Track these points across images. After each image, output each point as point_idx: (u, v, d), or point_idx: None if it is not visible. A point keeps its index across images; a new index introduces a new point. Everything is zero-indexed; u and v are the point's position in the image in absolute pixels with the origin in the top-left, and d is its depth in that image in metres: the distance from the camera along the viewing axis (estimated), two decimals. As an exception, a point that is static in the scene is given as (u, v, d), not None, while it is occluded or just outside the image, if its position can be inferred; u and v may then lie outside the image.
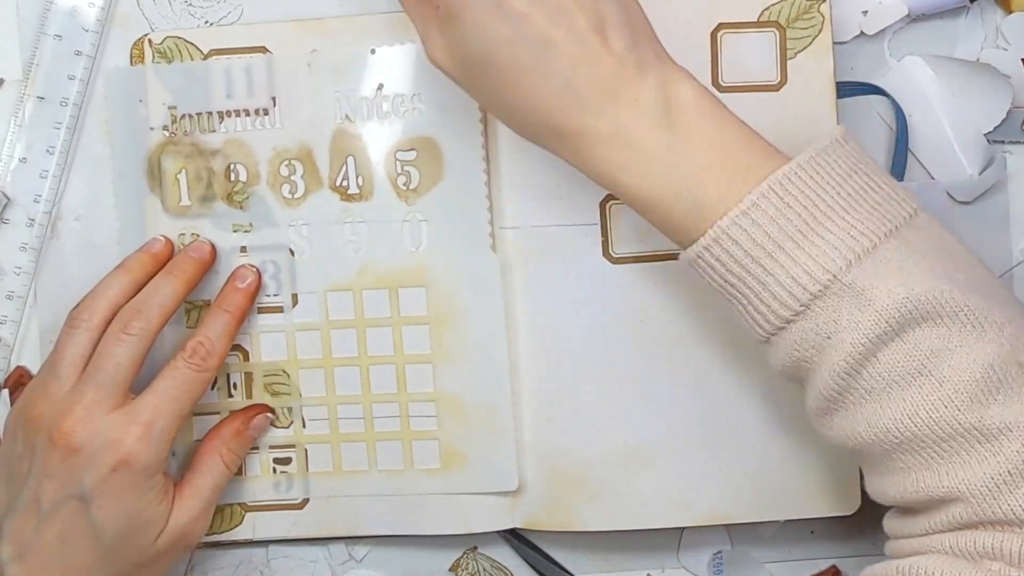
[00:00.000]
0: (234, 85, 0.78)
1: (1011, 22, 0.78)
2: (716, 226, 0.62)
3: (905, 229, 0.62)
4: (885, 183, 0.63)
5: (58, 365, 0.74)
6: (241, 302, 0.78)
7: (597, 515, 0.78)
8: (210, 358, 0.75)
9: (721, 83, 0.75)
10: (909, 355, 0.60)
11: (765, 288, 0.62)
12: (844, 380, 0.61)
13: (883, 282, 0.60)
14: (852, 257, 0.60)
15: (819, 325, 0.61)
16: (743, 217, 0.61)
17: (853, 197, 0.62)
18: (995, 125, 0.78)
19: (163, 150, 0.79)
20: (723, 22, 0.75)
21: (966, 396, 0.59)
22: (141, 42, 0.79)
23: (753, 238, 0.61)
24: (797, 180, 0.62)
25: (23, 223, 0.80)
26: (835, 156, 0.63)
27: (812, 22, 0.75)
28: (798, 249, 0.61)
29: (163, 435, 0.73)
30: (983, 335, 0.59)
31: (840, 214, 0.61)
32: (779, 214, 0.61)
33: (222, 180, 0.79)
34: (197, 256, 0.78)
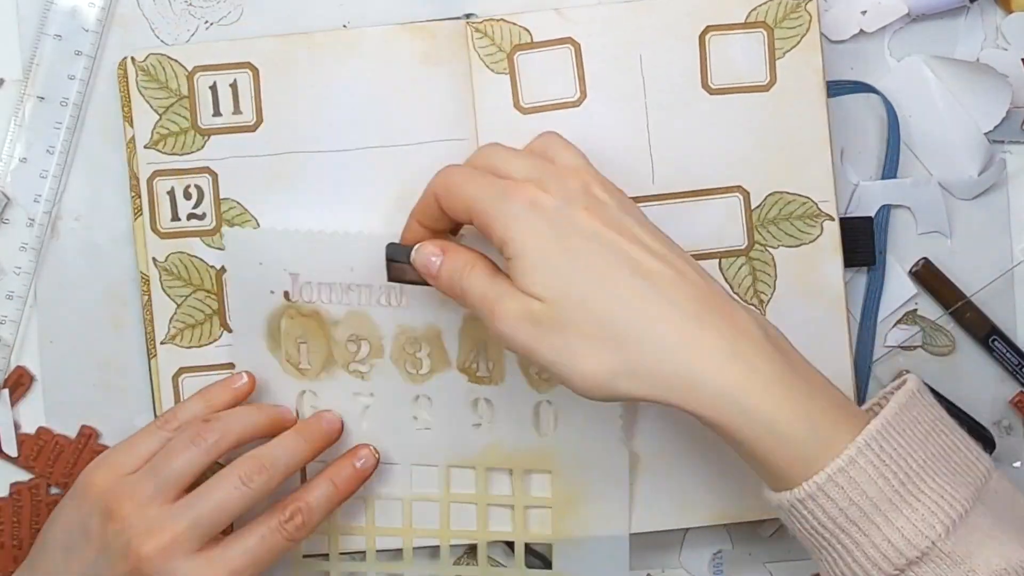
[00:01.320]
0: (358, 258, 0.77)
1: (1011, 22, 0.79)
2: (813, 480, 0.60)
3: (985, 491, 0.62)
4: (961, 440, 0.63)
5: (163, 472, 0.71)
6: (352, 482, 0.75)
7: (596, 519, 0.78)
8: (303, 529, 0.72)
9: (711, 85, 0.75)
10: None
11: (859, 548, 0.61)
12: None
13: (980, 551, 0.59)
14: (949, 524, 0.60)
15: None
16: (840, 474, 0.60)
17: (940, 458, 0.61)
18: (995, 125, 0.78)
19: (283, 314, 0.78)
20: (711, 24, 0.75)
21: None
22: (124, 63, 0.78)
23: (850, 496, 0.60)
24: (890, 437, 0.61)
25: (23, 223, 0.80)
26: (916, 410, 0.63)
27: (799, 21, 0.75)
28: (895, 511, 0.60)
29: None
30: None
31: (932, 475, 0.61)
32: (876, 473, 0.60)
33: (343, 350, 0.78)
34: (327, 428, 0.76)
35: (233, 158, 0.78)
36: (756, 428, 0.61)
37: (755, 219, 0.75)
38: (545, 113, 0.75)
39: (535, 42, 0.75)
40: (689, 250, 0.74)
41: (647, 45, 0.75)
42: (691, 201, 0.75)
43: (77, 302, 0.81)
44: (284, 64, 0.77)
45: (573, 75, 0.75)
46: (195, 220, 0.78)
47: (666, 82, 0.75)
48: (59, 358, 0.81)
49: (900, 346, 0.80)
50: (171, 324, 0.79)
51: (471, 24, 0.76)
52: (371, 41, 0.77)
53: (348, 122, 0.77)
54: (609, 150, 0.75)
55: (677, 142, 0.75)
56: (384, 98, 0.77)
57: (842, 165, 0.79)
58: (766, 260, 0.75)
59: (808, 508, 0.61)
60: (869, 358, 0.79)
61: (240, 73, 0.78)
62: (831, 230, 0.76)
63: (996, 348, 0.79)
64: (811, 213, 0.75)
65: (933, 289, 0.79)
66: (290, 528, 0.71)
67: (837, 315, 0.76)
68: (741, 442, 0.62)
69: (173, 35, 0.80)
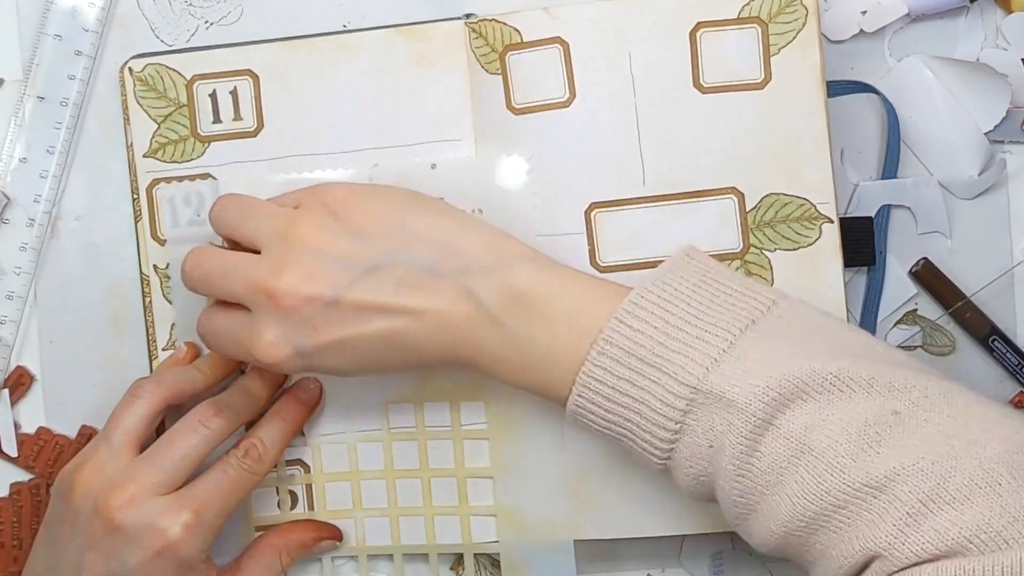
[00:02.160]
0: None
1: (1011, 22, 0.78)
2: (580, 374, 0.64)
3: (763, 321, 0.63)
4: (738, 285, 0.65)
5: (112, 434, 0.74)
6: (300, 414, 0.78)
7: (595, 524, 0.78)
8: (261, 463, 0.75)
9: (703, 84, 0.74)
10: (786, 439, 0.60)
11: (641, 416, 0.63)
12: (739, 482, 0.62)
13: (743, 379, 0.61)
14: (708, 363, 0.62)
15: (699, 438, 0.62)
16: (601, 356, 0.64)
17: (704, 305, 0.64)
18: (995, 125, 0.78)
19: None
20: (702, 20, 0.74)
21: (847, 459, 0.59)
22: (123, 70, 0.79)
23: (615, 373, 0.63)
24: (644, 303, 0.64)
25: (23, 223, 0.81)
26: (680, 272, 0.65)
27: (795, 15, 0.73)
28: (656, 371, 0.63)
29: (210, 527, 0.72)
30: (852, 396, 0.60)
31: (692, 323, 0.63)
32: (631, 343, 0.63)
33: None
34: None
35: (234, 164, 0.78)
36: (518, 388, 0.69)
37: (750, 221, 0.74)
38: (535, 114, 0.75)
39: (525, 42, 0.75)
40: (682, 253, 0.74)
41: (636, 43, 0.74)
42: (683, 203, 0.74)
43: (77, 302, 0.81)
44: (283, 69, 0.78)
45: (562, 75, 0.74)
46: (196, 227, 0.79)
47: (656, 81, 0.74)
48: (59, 358, 0.82)
49: (900, 346, 0.80)
50: (172, 331, 0.80)
51: (469, 24, 0.76)
52: (367, 45, 0.77)
53: (347, 125, 0.77)
54: (599, 151, 0.74)
55: (668, 142, 0.74)
56: (382, 100, 0.77)
57: (842, 165, 0.78)
58: (762, 264, 0.75)
59: (585, 406, 0.65)
60: (869, 359, 0.79)
61: (240, 80, 0.78)
62: (830, 233, 0.74)
63: (996, 348, 0.79)
64: (809, 215, 0.74)
65: (933, 289, 0.79)
66: (248, 462, 0.74)
67: (838, 319, 0.75)
68: (524, 390, 0.69)
69: (173, 35, 0.80)
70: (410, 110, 0.77)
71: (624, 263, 0.75)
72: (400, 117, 0.77)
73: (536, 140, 0.75)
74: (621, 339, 0.64)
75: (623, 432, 0.65)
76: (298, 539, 0.79)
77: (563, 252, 0.75)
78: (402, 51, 0.77)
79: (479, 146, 0.76)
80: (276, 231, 0.70)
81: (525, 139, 0.75)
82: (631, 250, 0.75)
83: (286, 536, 0.79)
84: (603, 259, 0.75)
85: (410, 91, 0.77)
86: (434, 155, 0.77)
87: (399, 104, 0.77)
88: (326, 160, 0.77)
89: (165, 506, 0.71)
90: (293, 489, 0.81)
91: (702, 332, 0.63)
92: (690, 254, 0.67)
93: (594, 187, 0.75)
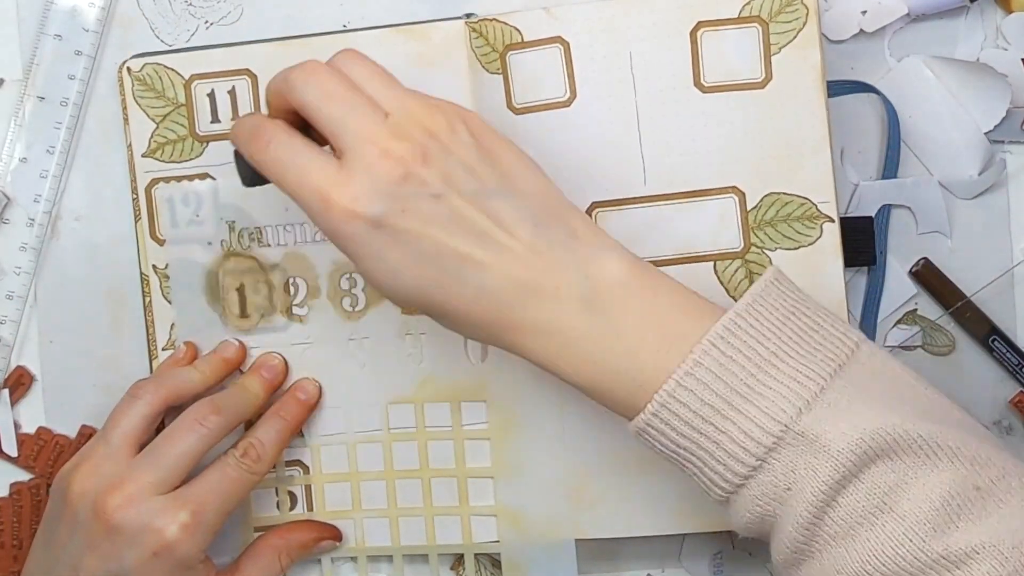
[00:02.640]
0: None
1: (1011, 22, 0.78)
2: (661, 391, 0.62)
3: (849, 366, 0.62)
4: (824, 319, 0.64)
5: (111, 434, 0.74)
6: (298, 414, 0.78)
7: (595, 523, 0.78)
8: (260, 462, 0.75)
9: (703, 83, 0.74)
10: (869, 495, 0.59)
11: (719, 447, 0.61)
12: (809, 530, 0.61)
13: (835, 426, 0.59)
14: (801, 404, 0.60)
15: (777, 478, 0.61)
16: (688, 378, 0.61)
17: (794, 340, 0.62)
18: (995, 125, 0.78)
19: (221, 265, 0.79)
20: (702, 20, 0.74)
21: (928, 527, 0.58)
22: (121, 69, 0.79)
23: (701, 398, 0.61)
24: (737, 331, 0.62)
25: (23, 223, 0.81)
26: (771, 300, 0.63)
27: (796, 15, 0.73)
28: (746, 403, 0.61)
29: (208, 527, 0.72)
30: (937, 463, 0.59)
31: (784, 359, 0.61)
32: (723, 369, 0.61)
33: (281, 294, 0.79)
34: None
35: (232, 164, 0.78)
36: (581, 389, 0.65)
37: (751, 221, 0.74)
38: (536, 114, 0.75)
39: (525, 41, 0.75)
40: (683, 253, 0.75)
41: (637, 43, 0.74)
42: (684, 202, 0.74)
43: (77, 302, 0.81)
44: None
45: (563, 75, 0.75)
46: (194, 227, 0.79)
47: (657, 81, 0.74)
48: (59, 358, 0.82)
49: (900, 346, 0.80)
50: (172, 331, 0.80)
51: (469, 24, 0.76)
52: (367, 45, 0.76)
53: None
54: (600, 151, 0.75)
55: (669, 142, 0.74)
56: (381, 101, 0.77)
57: (842, 165, 0.78)
58: (763, 263, 0.75)
59: (662, 420, 0.62)
60: (869, 359, 0.79)
61: (238, 80, 0.78)
62: (831, 232, 0.74)
63: (996, 348, 0.79)
64: (810, 215, 0.74)
65: (933, 289, 0.79)
66: (247, 461, 0.74)
67: (838, 319, 0.75)
68: (580, 386, 0.65)
69: (173, 35, 0.80)
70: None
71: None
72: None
73: (537, 140, 0.74)
74: (712, 363, 0.61)
75: (692, 459, 0.63)
76: (298, 540, 0.79)
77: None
78: (402, 51, 0.77)
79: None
80: (406, 109, 0.65)
81: (526, 139, 0.74)
82: (632, 249, 0.74)
83: (286, 537, 0.79)
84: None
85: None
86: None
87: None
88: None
89: (162, 506, 0.71)
90: (292, 490, 0.81)
91: (794, 371, 0.61)
92: (778, 279, 0.65)
93: (595, 186, 0.75)
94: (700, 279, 0.75)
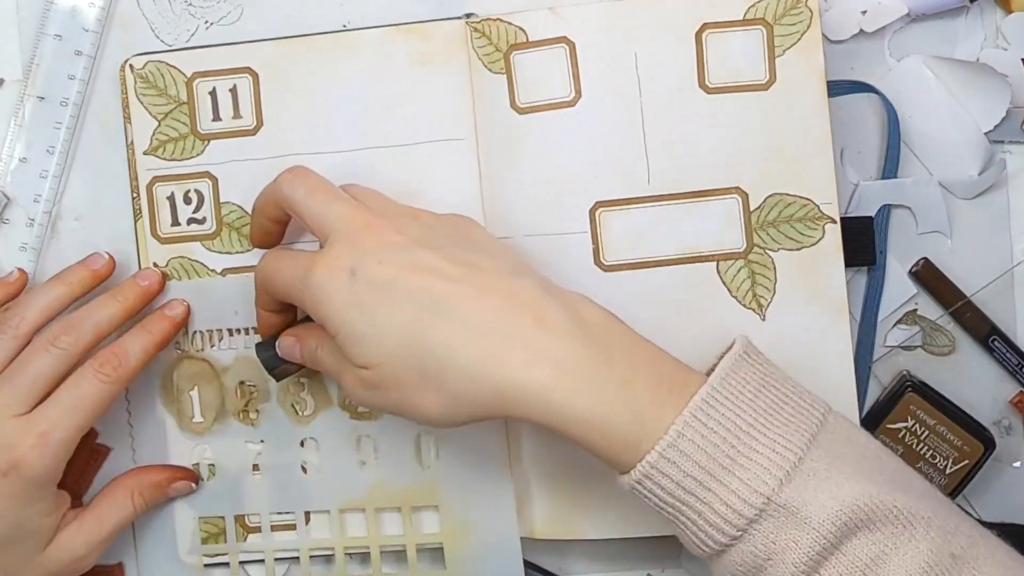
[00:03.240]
0: (243, 302, 0.79)
1: (1011, 22, 0.78)
2: (645, 461, 0.62)
3: (822, 434, 0.63)
4: (793, 391, 0.65)
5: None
6: (166, 328, 0.78)
7: (595, 524, 0.78)
8: (120, 369, 0.74)
9: (708, 85, 0.74)
10: (850, 567, 0.60)
11: (701, 516, 0.62)
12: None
13: (815, 496, 0.60)
14: (782, 476, 0.61)
15: (758, 548, 0.61)
16: (671, 449, 0.62)
17: (770, 412, 0.63)
18: (995, 125, 0.78)
19: (175, 366, 0.80)
20: (708, 22, 0.74)
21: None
22: (124, 67, 0.79)
23: (683, 469, 0.62)
24: (715, 403, 0.63)
25: (23, 223, 0.80)
26: (744, 371, 0.64)
27: (800, 17, 0.74)
28: (728, 475, 0.61)
29: (59, 446, 0.72)
30: (914, 533, 0.60)
31: (761, 431, 0.62)
32: (705, 441, 0.62)
33: (233, 397, 0.80)
34: (145, 285, 0.78)
35: (233, 162, 0.78)
36: (576, 426, 0.63)
37: (754, 221, 0.75)
38: (540, 113, 0.75)
39: (530, 41, 0.75)
40: (686, 253, 0.75)
41: (642, 43, 0.74)
42: (688, 203, 0.75)
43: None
44: (283, 68, 0.78)
45: (568, 75, 0.75)
46: (195, 224, 0.79)
47: (662, 81, 0.74)
48: (59, 358, 0.82)
49: (900, 346, 0.80)
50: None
51: (470, 24, 0.76)
52: (368, 43, 0.77)
53: (347, 123, 0.77)
54: (604, 151, 0.75)
55: (673, 142, 0.74)
56: (382, 99, 0.77)
57: (842, 165, 0.79)
58: (765, 263, 0.75)
59: (647, 487, 0.63)
60: (869, 358, 0.79)
61: (240, 78, 0.78)
62: (833, 233, 0.75)
63: (996, 348, 0.79)
64: (812, 215, 0.74)
65: (933, 289, 0.79)
66: (106, 370, 0.74)
67: (839, 320, 0.75)
68: (570, 438, 0.64)
69: (173, 35, 0.80)
70: (410, 109, 0.77)
71: (628, 262, 0.76)
72: (400, 116, 0.77)
73: (541, 139, 0.75)
74: (694, 434, 0.62)
75: (679, 519, 0.64)
76: (151, 479, 0.79)
77: (568, 251, 0.76)
78: (403, 49, 0.77)
79: (480, 145, 0.76)
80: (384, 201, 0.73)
81: (530, 138, 0.75)
82: (636, 249, 0.75)
83: (138, 477, 0.79)
84: (607, 258, 0.76)
85: (410, 90, 0.77)
86: (434, 155, 0.77)
87: (399, 103, 0.77)
88: (326, 159, 0.77)
89: (14, 427, 0.71)
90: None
91: (772, 442, 0.62)
92: (747, 351, 0.66)
93: (599, 186, 0.75)
94: (703, 279, 0.75)
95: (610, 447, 0.63)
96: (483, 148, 0.77)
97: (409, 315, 0.64)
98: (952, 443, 0.77)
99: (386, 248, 0.66)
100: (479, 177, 0.77)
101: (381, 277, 0.65)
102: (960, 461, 0.77)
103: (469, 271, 0.65)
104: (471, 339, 0.63)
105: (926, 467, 0.77)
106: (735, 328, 0.75)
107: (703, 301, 0.75)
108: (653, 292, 0.76)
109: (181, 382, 0.80)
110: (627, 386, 0.63)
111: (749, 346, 0.66)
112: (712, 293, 0.75)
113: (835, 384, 0.74)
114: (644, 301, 0.76)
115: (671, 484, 0.62)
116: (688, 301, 0.76)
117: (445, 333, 0.64)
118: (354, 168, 0.77)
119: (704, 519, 0.62)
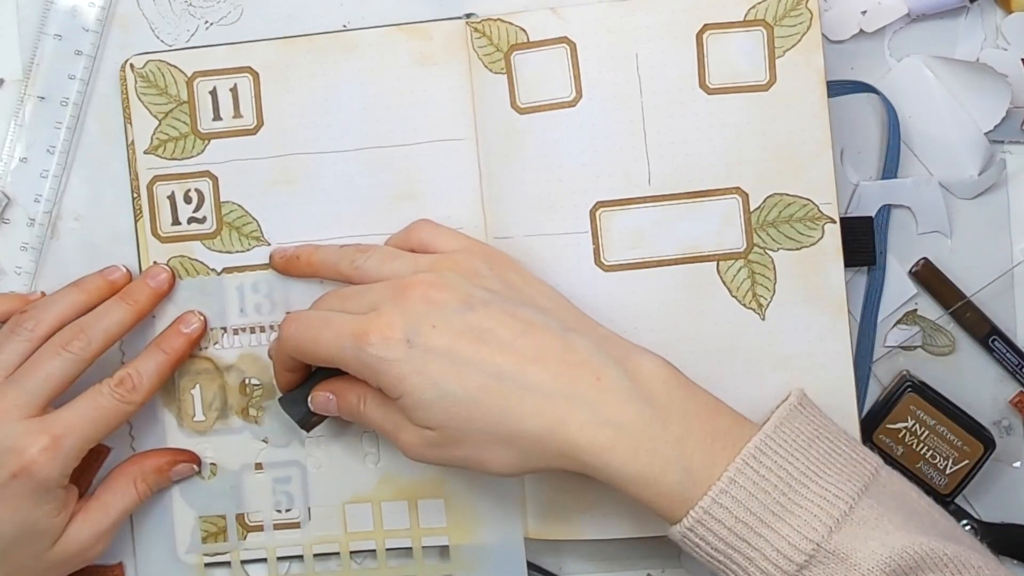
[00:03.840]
0: (246, 300, 0.79)
1: (1011, 22, 0.78)
2: (698, 507, 0.64)
3: (873, 486, 0.64)
4: (846, 443, 0.66)
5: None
6: (181, 346, 0.78)
7: (595, 524, 0.78)
8: (135, 392, 0.75)
9: (708, 85, 0.75)
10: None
11: (752, 563, 0.63)
12: None
13: (864, 544, 0.61)
14: (832, 523, 0.62)
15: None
16: (723, 495, 0.63)
17: (822, 461, 0.64)
18: (995, 125, 0.78)
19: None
20: (708, 22, 0.74)
21: None
22: (124, 66, 0.79)
23: (734, 514, 0.63)
24: (768, 451, 0.64)
25: (23, 223, 0.80)
26: (798, 422, 0.66)
27: (800, 19, 0.74)
28: (779, 521, 0.63)
29: (70, 452, 0.72)
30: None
31: (813, 479, 0.63)
32: (756, 488, 0.63)
33: (236, 394, 0.80)
34: (154, 285, 0.78)
35: (234, 161, 0.78)
36: (632, 485, 0.65)
37: (754, 221, 0.75)
38: (541, 114, 0.75)
39: (531, 41, 0.75)
40: (686, 253, 0.75)
41: (643, 44, 0.74)
42: (688, 203, 0.75)
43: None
44: (284, 67, 0.78)
45: (569, 75, 0.75)
46: (195, 224, 0.79)
47: (663, 82, 0.74)
48: (59, 358, 0.82)
49: (900, 346, 0.80)
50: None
51: (471, 24, 0.76)
52: (368, 43, 0.77)
53: (348, 123, 0.77)
54: (605, 151, 0.75)
55: (674, 143, 0.74)
56: (383, 99, 0.77)
57: (842, 165, 0.79)
58: (765, 263, 0.75)
59: (699, 534, 0.64)
60: (869, 358, 0.79)
61: (240, 78, 0.78)
62: (832, 233, 0.75)
63: (996, 348, 0.79)
64: (812, 216, 0.74)
65: (933, 289, 0.79)
66: (122, 391, 0.74)
67: (839, 320, 0.75)
68: (624, 494, 0.66)
69: (173, 35, 0.80)
70: (411, 109, 0.77)
71: (629, 262, 0.75)
72: (401, 115, 0.77)
73: (541, 139, 0.75)
74: (747, 481, 0.63)
75: (729, 566, 0.64)
76: (152, 464, 0.79)
77: (568, 251, 0.76)
78: (403, 49, 0.77)
79: (481, 145, 0.76)
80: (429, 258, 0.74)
81: (530, 138, 0.75)
82: (636, 249, 0.75)
83: (140, 462, 0.79)
84: (608, 258, 0.75)
85: (411, 90, 0.77)
86: (434, 155, 0.77)
87: (400, 103, 0.77)
88: (326, 158, 0.78)
89: (26, 429, 0.72)
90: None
91: (823, 490, 0.63)
92: (802, 403, 0.67)
93: (599, 186, 0.75)
94: (703, 279, 0.75)
95: (661, 502, 0.65)
96: (483, 148, 0.77)
97: (475, 383, 0.66)
98: (952, 443, 0.77)
99: (436, 311, 0.67)
100: (479, 177, 0.77)
101: (439, 346, 0.67)
102: (960, 461, 0.77)
103: (522, 333, 0.67)
104: (537, 406, 0.66)
105: (926, 467, 0.77)
106: (735, 328, 0.75)
107: (703, 301, 0.75)
108: (653, 292, 0.76)
109: (182, 381, 0.80)
110: (681, 445, 0.65)
111: (804, 398, 0.68)
112: (712, 293, 0.75)
113: (835, 384, 0.74)
114: (644, 301, 0.76)
115: (723, 530, 0.63)
116: (688, 301, 0.75)
117: (512, 401, 0.66)
118: (354, 168, 0.77)
119: (755, 565, 0.63)
